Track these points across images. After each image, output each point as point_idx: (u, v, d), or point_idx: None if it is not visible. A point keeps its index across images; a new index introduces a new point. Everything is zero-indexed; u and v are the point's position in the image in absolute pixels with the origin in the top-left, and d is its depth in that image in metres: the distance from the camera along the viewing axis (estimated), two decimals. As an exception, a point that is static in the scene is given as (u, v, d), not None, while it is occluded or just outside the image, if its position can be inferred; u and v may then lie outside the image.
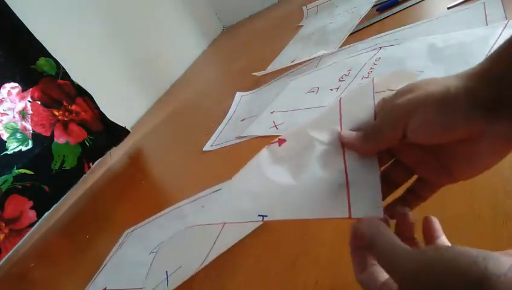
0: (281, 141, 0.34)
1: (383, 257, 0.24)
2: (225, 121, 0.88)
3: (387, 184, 0.29)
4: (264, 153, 0.34)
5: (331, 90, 0.71)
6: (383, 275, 0.26)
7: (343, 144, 0.31)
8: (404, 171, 0.30)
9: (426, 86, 0.26)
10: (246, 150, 0.71)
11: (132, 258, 0.60)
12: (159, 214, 0.67)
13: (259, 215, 0.30)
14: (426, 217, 0.29)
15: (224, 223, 0.32)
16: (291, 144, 0.34)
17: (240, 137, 0.75)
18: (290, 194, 0.30)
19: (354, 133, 0.30)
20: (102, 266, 0.62)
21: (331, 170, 0.30)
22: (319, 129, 0.33)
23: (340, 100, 0.34)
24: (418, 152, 0.29)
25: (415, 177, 0.30)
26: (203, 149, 0.80)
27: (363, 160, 0.29)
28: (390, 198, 0.31)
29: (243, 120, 0.83)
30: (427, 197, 0.30)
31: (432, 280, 0.21)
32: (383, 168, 0.29)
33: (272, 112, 0.77)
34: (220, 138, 0.81)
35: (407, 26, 0.79)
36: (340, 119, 0.32)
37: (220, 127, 0.86)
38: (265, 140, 0.70)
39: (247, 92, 0.97)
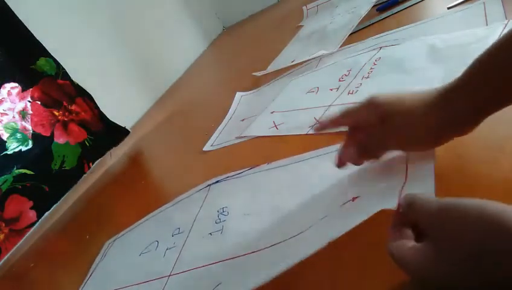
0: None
1: (419, 208, 0.30)
2: (225, 121, 0.87)
3: None
4: None
5: (331, 90, 0.71)
6: (414, 243, 0.30)
7: None
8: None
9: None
10: (246, 150, 0.71)
11: (121, 261, 0.60)
12: (140, 221, 0.68)
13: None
14: None
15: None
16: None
17: (240, 137, 0.75)
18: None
19: None
20: (88, 277, 0.61)
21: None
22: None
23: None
24: None
25: None
26: (203, 149, 0.80)
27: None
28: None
29: (243, 120, 0.83)
30: None
31: (455, 217, 0.26)
32: None
33: (272, 112, 0.77)
34: (220, 137, 0.81)
35: (407, 26, 0.79)
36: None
37: (220, 127, 0.85)
38: (265, 140, 0.69)
39: (247, 92, 0.97)
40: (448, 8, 0.76)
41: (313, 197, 0.47)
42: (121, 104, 1.28)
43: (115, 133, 1.07)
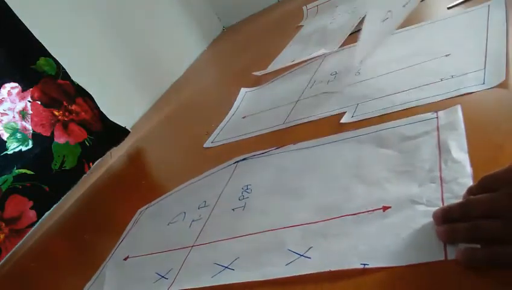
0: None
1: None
2: (227, 117, 0.87)
3: None
4: None
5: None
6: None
7: None
8: None
9: None
10: (247, 147, 0.71)
11: (151, 229, 0.63)
12: (170, 192, 0.70)
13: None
14: None
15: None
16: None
17: (242, 134, 0.75)
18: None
19: None
20: (120, 240, 0.64)
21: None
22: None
23: None
24: None
25: None
26: (204, 146, 0.80)
27: None
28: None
29: (244, 117, 0.83)
30: None
31: None
32: None
33: (274, 109, 0.77)
34: (221, 134, 0.81)
35: (407, 27, 0.79)
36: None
37: (222, 124, 0.85)
38: (266, 136, 0.70)
39: (252, 88, 0.97)
40: (448, 8, 0.76)
41: (335, 185, 0.48)
42: (121, 104, 1.27)
43: (115, 133, 1.07)
